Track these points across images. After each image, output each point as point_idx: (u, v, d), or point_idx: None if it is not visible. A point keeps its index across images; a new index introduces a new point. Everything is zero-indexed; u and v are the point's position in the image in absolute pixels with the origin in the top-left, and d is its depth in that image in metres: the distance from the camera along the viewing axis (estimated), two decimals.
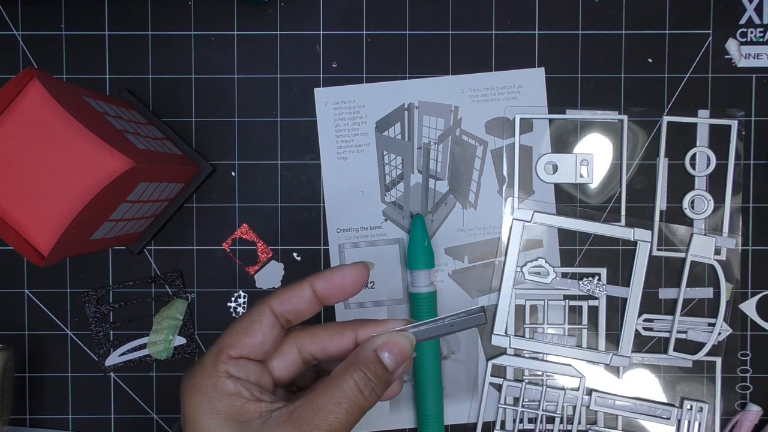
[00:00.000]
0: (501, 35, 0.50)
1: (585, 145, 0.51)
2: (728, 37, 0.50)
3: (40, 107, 0.36)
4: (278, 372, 0.35)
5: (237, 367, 0.33)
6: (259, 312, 0.34)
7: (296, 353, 0.35)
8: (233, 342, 0.33)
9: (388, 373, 0.33)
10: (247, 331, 0.33)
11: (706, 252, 0.50)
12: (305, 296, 0.34)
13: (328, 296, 0.35)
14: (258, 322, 0.33)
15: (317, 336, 0.35)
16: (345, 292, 0.35)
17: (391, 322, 0.35)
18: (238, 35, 0.50)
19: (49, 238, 0.36)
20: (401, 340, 0.34)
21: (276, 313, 0.34)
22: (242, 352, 0.33)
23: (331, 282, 0.34)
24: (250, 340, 0.33)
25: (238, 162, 0.51)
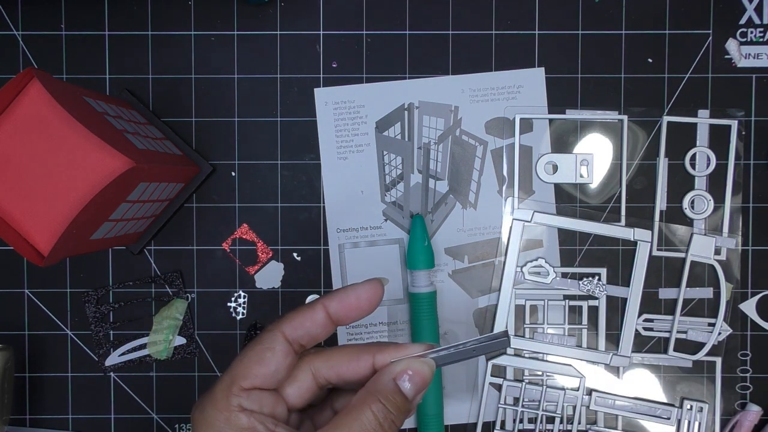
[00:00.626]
0: (501, 35, 0.50)
1: (585, 145, 0.51)
2: (728, 37, 0.50)
3: (40, 107, 0.36)
4: (292, 398, 0.33)
5: (250, 400, 0.31)
6: (272, 339, 0.32)
7: (311, 379, 0.33)
8: (245, 372, 0.32)
9: (408, 402, 0.31)
10: (260, 360, 0.32)
11: (706, 252, 0.50)
12: (319, 319, 0.33)
13: (343, 317, 0.33)
14: (270, 350, 0.32)
15: (333, 360, 0.33)
16: (360, 312, 0.33)
17: (411, 346, 0.33)
18: (238, 35, 0.50)
19: (49, 238, 0.36)
20: (421, 368, 0.32)
21: (289, 339, 0.32)
22: (255, 382, 0.32)
23: (345, 303, 0.33)
24: (263, 370, 0.32)
25: (238, 162, 0.51)
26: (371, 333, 0.51)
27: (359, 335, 0.51)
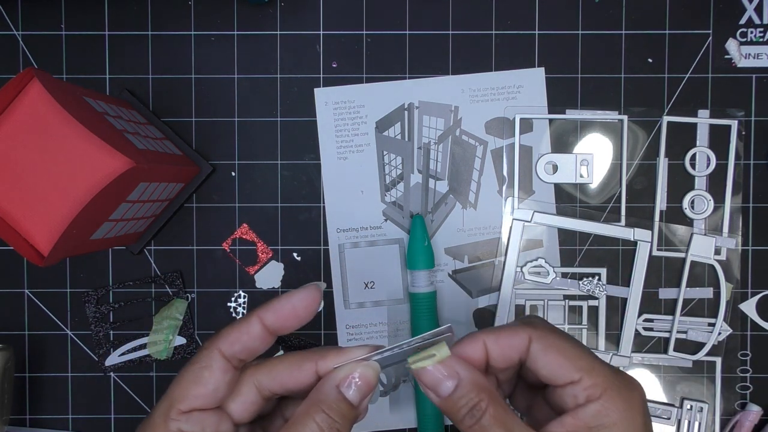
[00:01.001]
0: (501, 35, 0.50)
1: (585, 145, 0.51)
2: (728, 37, 0.50)
3: (40, 107, 0.36)
4: (238, 414, 0.32)
5: (190, 422, 0.30)
6: (208, 357, 0.31)
7: (255, 392, 0.32)
8: (183, 394, 0.30)
9: (353, 409, 0.30)
10: (197, 380, 0.31)
11: (706, 252, 0.50)
12: (255, 333, 0.31)
13: (280, 328, 0.32)
14: (208, 368, 0.31)
15: (275, 371, 0.32)
16: (298, 320, 0.32)
17: (353, 350, 0.31)
18: (238, 35, 0.50)
19: (49, 238, 0.36)
20: (365, 371, 0.30)
21: (226, 356, 0.31)
22: (194, 404, 0.30)
23: (281, 313, 0.31)
24: (201, 390, 0.30)
25: (238, 162, 0.51)
26: (371, 333, 0.51)
27: (359, 335, 0.51)
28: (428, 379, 0.30)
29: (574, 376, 0.29)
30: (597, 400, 0.29)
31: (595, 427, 0.28)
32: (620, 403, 0.29)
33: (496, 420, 0.29)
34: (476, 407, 0.29)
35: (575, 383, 0.29)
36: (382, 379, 0.51)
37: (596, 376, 0.29)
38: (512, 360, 0.31)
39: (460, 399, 0.30)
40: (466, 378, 0.30)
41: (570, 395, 0.29)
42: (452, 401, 0.30)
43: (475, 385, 0.30)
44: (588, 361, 0.30)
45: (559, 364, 0.30)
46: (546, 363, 0.30)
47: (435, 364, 0.30)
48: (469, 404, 0.29)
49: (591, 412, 0.29)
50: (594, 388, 0.29)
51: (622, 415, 0.28)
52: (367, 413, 0.51)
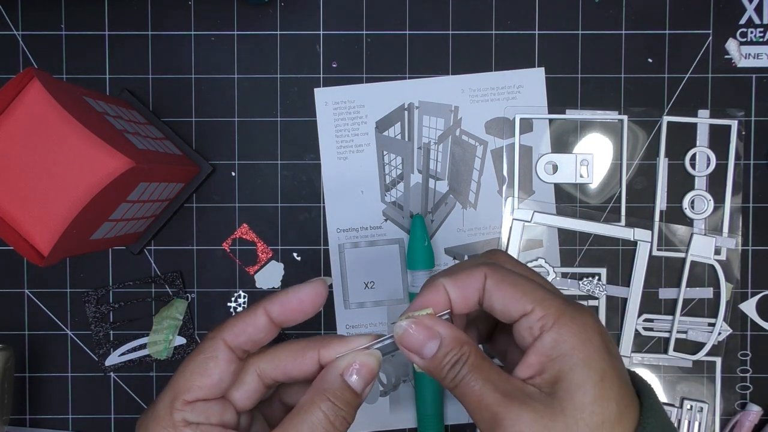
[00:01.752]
0: (501, 35, 0.50)
1: (585, 145, 0.51)
2: (728, 37, 0.50)
3: (40, 107, 0.36)
4: (241, 402, 0.32)
5: (195, 413, 0.30)
6: (213, 348, 0.31)
7: (257, 380, 0.32)
8: (188, 385, 0.31)
9: (357, 396, 0.31)
10: (203, 371, 0.31)
11: (706, 252, 0.50)
12: (261, 325, 0.31)
13: (285, 321, 0.32)
14: (213, 359, 0.31)
15: (278, 360, 0.32)
16: (304, 314, 0.32)
17: (355, 339, 0.32)
18: (238, 35, 0.50)
19: (49, 238, 0.36)
20: (368, 360, 0.31)
21: (231, 347, 0.31)
22: (198, 394, 0.31)
23: (287, 306, 0.32)
24: (206, 381, 0.31)
25: (238, 162, 0.51)
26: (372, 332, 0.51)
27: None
28: (411, 343, 0.31)
29: (527, 308, 0.30)
30: (551, 329, 0.29)
31: (557, 356, 0.29)
32: (574, 328, 0.29)
33: (475, 368, 0.30)
34: (458, 361, 0.30)
35: (528, 315, 0.29)
36: (383, 379, 0.51)
37: (548, 306, 0.29)
38: (472, 301, 0.31)
39: (444, 357, 0.30)
40: (447, 336, 0.30)
41: (526, 329, 0.30)
42: (437, 360, 0.30)
43: (457, 341, 0.30)
44: (540, 293, 0.30)
45: (511, 297, 0.30)
46: (499, 298, 0.30)
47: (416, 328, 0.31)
48: (453, 360, 0.30)
49: (548, 342, 0.29)
50: (546, 318, 0.29)
51: (579, 339, 0.29)
52: (367, 415, 0.51)
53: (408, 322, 0.31)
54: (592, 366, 0.28)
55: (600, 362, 0.28)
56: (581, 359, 0.28)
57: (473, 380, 0.29)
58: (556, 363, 0.29)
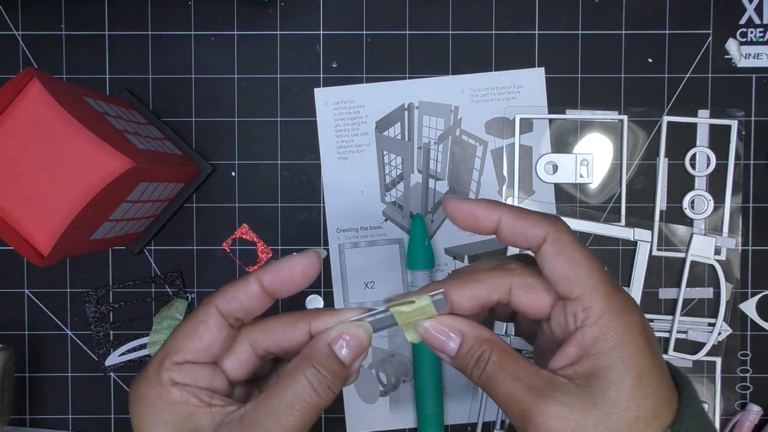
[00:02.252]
0: (501, 35, 0.50)
1: (585, 145, 0.51)
2: (728, 37, 0.50)
3: (40, 107, 0.36)
4: (233, 371, 0.32)
5: (183, 373, 0.31)
6: (205, 312, 0.31)
7: (249, 350, 0.32)
8: (177, 347, 0.31)
9: (344, 367, 0.31)
10: (193, 334, 0.31)
11: (706, 252, 0.50)
12: (253, 292, 0.31)
13: (277, 290, 0.32)
14: (204, 323, 0.31)
15: (270, 330, 0.32)
16: (295, 285, 0.32)
17: (347, 311, 0.32)
18: (238, 35, 0.50)
19: (49, 238, 0.36)
20: (357, 331, 0.31)
21: (223, 313, 0.31)
22: (187, 356, 0.31)
23: (279, 275, 0.31)
24: (195, 344, 0.31)
25: (238, 162, 0.51)
26: None
27: None
28: (433, 342, 0.31)
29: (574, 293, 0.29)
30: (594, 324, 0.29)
31: (595, 353, 0.28)
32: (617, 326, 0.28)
33: (500, 365, 0.30)
34: (480, 358, 0.30)
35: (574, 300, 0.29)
36: (383, 379, 0.51)
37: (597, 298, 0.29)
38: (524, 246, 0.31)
39: (466, 354, 0.30)
40: (468, 333, 0.31)
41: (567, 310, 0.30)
42: (460, 358, 0.31)
43: (477, 338, 0.30)
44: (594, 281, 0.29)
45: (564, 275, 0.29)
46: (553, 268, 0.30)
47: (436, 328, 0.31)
48: (475, 356, 0.30)
49: (589, 337, 0.29)
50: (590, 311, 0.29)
51: (621, 338, 0.28)
52: (367, 414, 0.51)
53: (430, 323, 0.31)
54: (630, 364, 0.28)
55: (640, 361, 0.28)
56: (620, 358, 0.28)
57: (500, 378, 0.29)
58: (594, 359, 0.28)
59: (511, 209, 0.31)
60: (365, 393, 0.51)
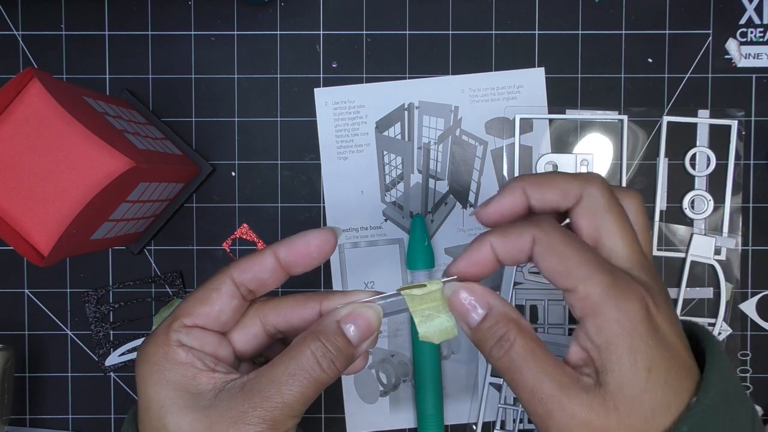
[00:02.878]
0: (501, 35, 0.50)
1: (585, 145, 0.51)
2: (728, 37, 0.50)
3: (40, 107, 0.36)
4: (241, 345, 0.32)
5: (190, 336, 0.31)
6: (219, 281, 0.31)
7: (259, 325, 0.33)
8: (189, 310, 0.31)
9: (351, 346, 0.30)
10: (205, 299, 0.31)
11: (706, 252, 0.50)
12: (267, 264, 0.32)
13: (292, 264, 0.32)
14: (216, 290, 0.31)
15: (281, 307, 0.33)
16: (311, 259, 0.32)
17: (358, 293, 0.32)
18: (238, 35, 0.50)
19: (49, 238, 0.36)
20: (367, 312, 0.31)
21: (237, 283, 0.31)
22: (197, 321, 0.31)
23: (294, 249, 0.32)
24: (206, 309, 0.31)
25: (238, 162, 0.51)
26: None
27: None
28: (458, 308, 0.30)
29: (569, 285, 0.28)
30: (593, 314, 0.28)
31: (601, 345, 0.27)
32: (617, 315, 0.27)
33: (530, 354, 0.28)
34: (504, 338, 0.29)
35: (571, 292, 0.28)
36: (382, 379, 0.51)
37: (592, 285, 0.28)
38: (520, 259, 0.30)
39: (489, 329, 0.29)
40: (495, 308, 0.30)
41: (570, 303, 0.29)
42: (481, 332, 0.30)
43: (504, 316, 0.29)
44: (585, 270, 0.28)
45: (556, 271, 0.29)
46: (545, 267, 0.29)
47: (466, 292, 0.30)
48: (497, 334, 0.29)
49: (591, 329, 0.28)
50: (588, 301, 0.28)
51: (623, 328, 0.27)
52: (367, 415, 0.51)
53: (461, 285, 0.30)
54: (637, 357, 0.27)
55: (646, 351, 0.27)
56: (626, 350, 0.27)
57: (527, 368, 0.28)
58: (602, 352, 0.27)
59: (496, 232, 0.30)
60: (365, 393, 0.51)
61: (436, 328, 0.31)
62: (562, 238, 0.29)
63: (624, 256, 0.30)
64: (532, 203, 0.31)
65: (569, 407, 0.27)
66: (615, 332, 0.27)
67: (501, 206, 0.31)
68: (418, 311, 0.31)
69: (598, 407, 0.27)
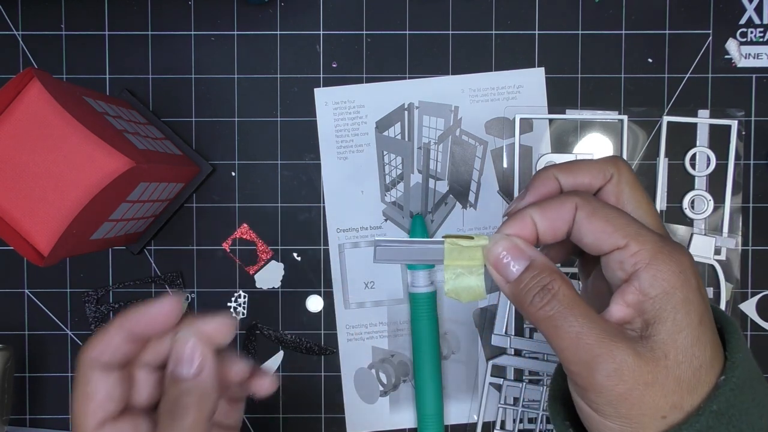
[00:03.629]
0: (501, 35, 0.50)
1: (585, 145, 0.51)
2: (728, 37, 0.50)
3: (40, 107, 0.36)
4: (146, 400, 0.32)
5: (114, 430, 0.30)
6: (84, 374, 0.30)
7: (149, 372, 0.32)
8: (82, 416, 0.30)
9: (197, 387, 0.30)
10: (86, 397, 0.30)
11: (706, 252, 0.50)
12: (117, 342, 0.31)
13: (141, 334, 0.31)
14: (88, 383, 0.30)
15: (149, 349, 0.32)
16: (158, 328, 0.31)
17: (208, 321, 0.31)
18: (238, 35, 0.50)
19: (49, 238, 0.36)
20: (184, 348, 0.30)
21: (100, 366, 0.30)
22: (97, 418, 0.30)
23: (139, 321, 0.31)
24: (91, 406, 0.30)
25: (238, 162, 0.51)
26: (371, 333, 0.51)
27: (359, 335, 0.51)
28: (497, 261, 0.29)
29: (620, 242, 0.28)
30: (648, 266, 0.27)
31: (656, 295, 0.27)
32: (673, 266, 0.27)
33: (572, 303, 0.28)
34: (548, 287, 0.28)
35: (621, 249, 0.28)
36: (382, 379, 0.51)
37: (644, 241, 0.27)
38: (561, 232, 0.30)
39: (531, 280, 0.29)
40: (537, 259, 0.29)
41: (617, 263, 0.28)
42: (522, 283, 0.29)
43: (546, 266, 0.29)
44: (635, 228, 0.28)
45: (603, 230, 0.28)
46: (590, 230, 0.29)
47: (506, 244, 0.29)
48: (541, 283, 0.28)
49: (646, 279, 0.27)
50: (642, 254, 0.27)
51: (679, 278, 0.27)
52: (367, 415, 0.51)
53: (501, 237, 0.29)
54: (691, 308, 0.27)
55: (698, 304, 0.27)
56: (681, 300, 0.27)
57: (571, 316, 0.27)
58: (656, 302, 0.27)
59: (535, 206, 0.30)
60: (365, 393, 0.51)
61: (465, 285, 0.30)
62: (604, 203, 0.29)
63: (654, 227, 0.30)
64: (565, 187, 0.31)
65: (618, 353, 0.27)
66: (672, 283, 0.27)
67: (537, 193, 0.31)
68: (451, 266, 0.30)
69: (647, 354, 0.27)
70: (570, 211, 0.29)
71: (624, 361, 0.26)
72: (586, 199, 0.29)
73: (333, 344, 0.51)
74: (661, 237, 0.28)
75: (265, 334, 0.51)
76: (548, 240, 0.30)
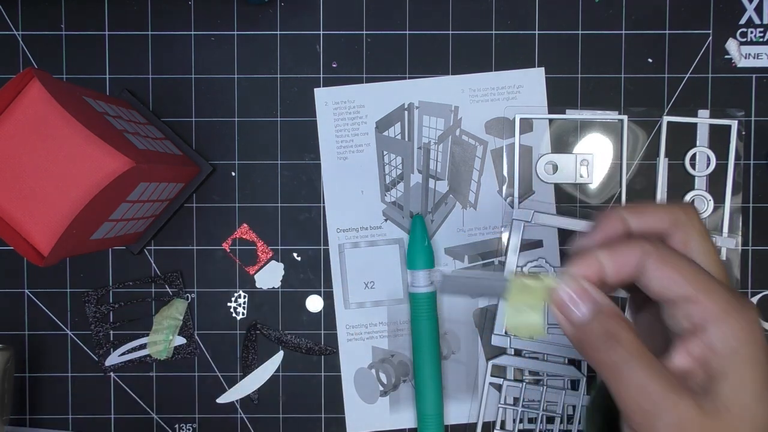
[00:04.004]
0: (501, 35, 0.50)
1: (585, 145, 0.51)
2: (728, 37, 0.50)
3: (40, 107, 0.36)
4: None
5: None
6: None
7: None
8: None
9: None
10: None
11: None
12: None
13: None
14: None
15: None
16: None
17: None
18: (238, 35, 0.50)
19: (49, 238, 0.36)
20: None
21: None
22: None
23: None
24: None
25: (238, 162, 0.51)
26: (371, 333, 0.51)
27: (359, 335, 0.51)
28: (561, 304, 0.29)
29: (689, 293, 0.28)
30: (717, 321, 0.27)
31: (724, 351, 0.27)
32: (744, 323, 0.27)
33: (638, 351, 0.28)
34: (612, 333, 0.28)
35: (689, 300, 0.28)
36: (383, 379, 0.51)
37: (716, 298, 0.27)
38: (627, 276, 0.29)
39: (597, 326, 0.28)
40: (604, 303, 0.29)
41: (683, 314, 0.28)
42: (587, 327, 0.29)
43: (613, 312, 0.28)
44: (704, 280, 0.28)
45: (672, 280, 0.28)
46: (659, 277, 0.28)
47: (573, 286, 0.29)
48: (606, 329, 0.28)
49: (716, 334, 0.27)
50: (713, 308, 0.27)
51: (748, 335, 0.27)
52: (367, 415, 0.51)
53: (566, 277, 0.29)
54: (757, 366, 0.27)
55: (764, 363, 0.27)
56: (748, 357, 0.27)
57: (636, 365, 0.27)
58: (723, 359, 0.27)
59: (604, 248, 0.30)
60: (365, 393, 0.51)
61: (526, 322, 0.30)
62: (674, 251, 0.29)
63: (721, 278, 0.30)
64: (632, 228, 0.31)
65: (682, 405, 0.27)
66: (741, 340, 0.27)
67: (605, 234, 0.31)
68: (515, 302, 0.30)
69: (710, 410, 0.27)
70: (638, 256, 0.29)
71: (687, 415, 0.26)
72: (655, 246, 0.29)
73: (333, 344, 0.51)
74: (731, 291, 0.28)
75: (265, 334, 0.51)
76: (613, 283, 0.30)
